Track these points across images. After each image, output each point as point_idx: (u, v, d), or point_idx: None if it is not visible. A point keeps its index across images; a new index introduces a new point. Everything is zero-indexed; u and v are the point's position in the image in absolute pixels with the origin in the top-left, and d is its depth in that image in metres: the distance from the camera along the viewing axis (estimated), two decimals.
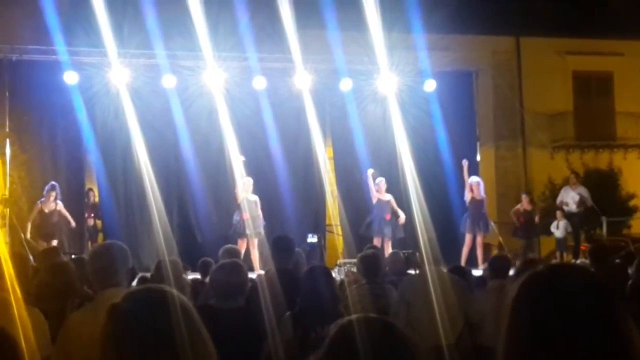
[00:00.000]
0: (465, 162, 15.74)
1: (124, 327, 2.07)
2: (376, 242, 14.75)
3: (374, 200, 15.26)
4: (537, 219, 16.34)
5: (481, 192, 15.49)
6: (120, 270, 4.15)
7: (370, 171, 15.42)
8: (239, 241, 13.95)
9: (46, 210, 14.21)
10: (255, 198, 14.51)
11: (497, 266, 7.88)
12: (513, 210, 16.73)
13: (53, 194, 14.21)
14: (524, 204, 16.45)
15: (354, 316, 2.09)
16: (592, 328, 1.84)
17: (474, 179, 15.62)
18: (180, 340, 2.06)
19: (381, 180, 15.34)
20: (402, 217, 15.14)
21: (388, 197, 15.29)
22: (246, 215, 14.22)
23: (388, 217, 15.11)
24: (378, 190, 15.25)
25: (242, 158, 14.93)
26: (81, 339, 3.79)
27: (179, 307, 2.13)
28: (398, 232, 15.20)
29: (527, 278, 1.98)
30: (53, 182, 14.41)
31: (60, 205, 14.30)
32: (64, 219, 14.35)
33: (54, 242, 13.90)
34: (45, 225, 14.21)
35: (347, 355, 1.99)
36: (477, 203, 15.43)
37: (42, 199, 14.27)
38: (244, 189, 14.42)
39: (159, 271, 6.12)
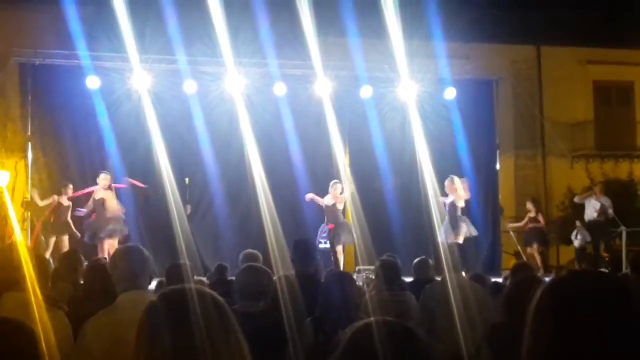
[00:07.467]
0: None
1: (160, 322, 2.09)
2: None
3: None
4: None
5: None
6: (141, 273, 4.19)
7: None
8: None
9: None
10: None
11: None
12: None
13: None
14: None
15: (369, 319, 2.08)
16: (615, 333, 1.83)
17: None
18: (214, 333, 2.08)
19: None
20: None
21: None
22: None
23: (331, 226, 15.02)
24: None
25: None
26: (102, 341, 3.81)
27: (213, 303, 2.15)
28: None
29: (549, 284, 1.97)
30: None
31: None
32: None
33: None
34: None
35: (362, 358, 1.99)
36: None
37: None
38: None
39: (172, 275, 6.12)
